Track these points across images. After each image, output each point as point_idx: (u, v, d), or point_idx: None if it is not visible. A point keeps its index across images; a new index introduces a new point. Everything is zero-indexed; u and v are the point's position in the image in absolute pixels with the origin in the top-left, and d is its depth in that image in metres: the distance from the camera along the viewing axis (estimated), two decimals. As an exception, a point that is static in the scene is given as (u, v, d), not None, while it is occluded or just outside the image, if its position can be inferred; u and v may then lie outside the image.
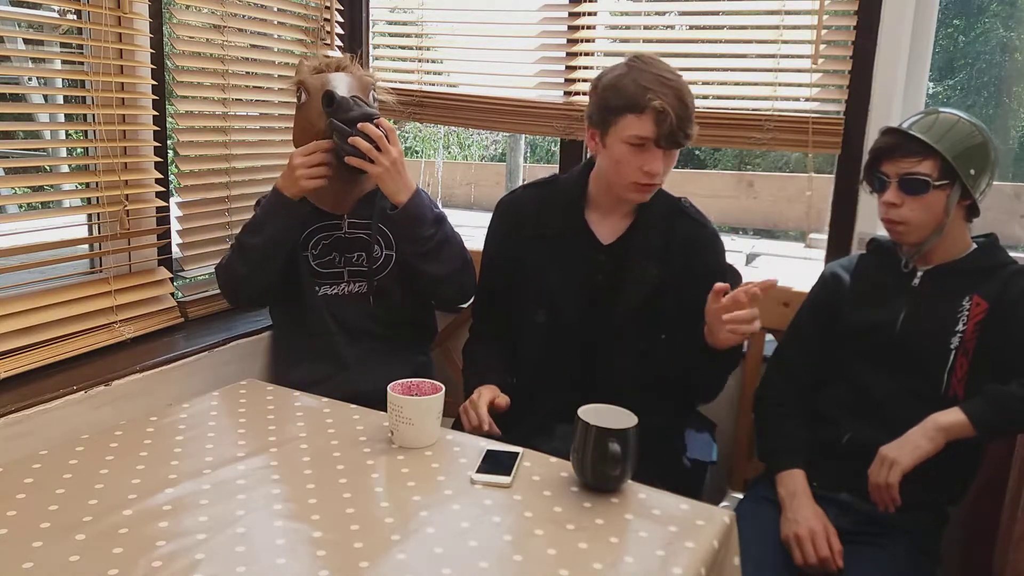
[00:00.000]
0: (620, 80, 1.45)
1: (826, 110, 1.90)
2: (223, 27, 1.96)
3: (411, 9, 2.42)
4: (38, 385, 1.53)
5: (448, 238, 1.71)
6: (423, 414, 1.27)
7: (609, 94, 1.46)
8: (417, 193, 1.66)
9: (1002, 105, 7.57)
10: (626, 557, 1.00)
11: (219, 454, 1.23)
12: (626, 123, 1.44)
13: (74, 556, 0.95)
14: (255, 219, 1.73)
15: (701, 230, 1.59)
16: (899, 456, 1.34)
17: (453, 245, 1.72)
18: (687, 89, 1.44)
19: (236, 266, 1.74)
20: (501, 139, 10.78)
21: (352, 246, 1.82)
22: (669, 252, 1.55)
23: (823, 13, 1.85)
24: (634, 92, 1.42)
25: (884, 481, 1.35)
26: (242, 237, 1.73)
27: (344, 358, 1.80)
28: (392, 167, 1.62)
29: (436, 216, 1.70)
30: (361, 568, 0.95)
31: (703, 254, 1.57)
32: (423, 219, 1.66)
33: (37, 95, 3.86)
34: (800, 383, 1.60)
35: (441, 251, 1.70)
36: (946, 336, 1.44)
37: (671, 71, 1.46)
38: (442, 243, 1.69)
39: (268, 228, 1.70)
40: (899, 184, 1.42)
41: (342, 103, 1.62)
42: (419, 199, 1.66)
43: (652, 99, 1.40)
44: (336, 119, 1.62)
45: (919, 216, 1.42)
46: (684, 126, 1.43)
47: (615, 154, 1.47)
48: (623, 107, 1.43)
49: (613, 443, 1.11)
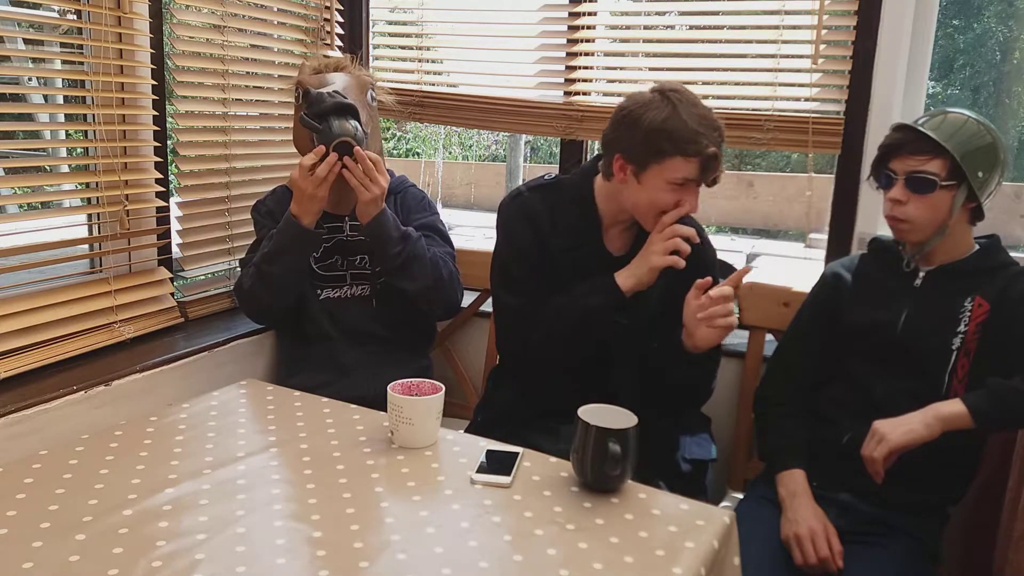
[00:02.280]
0: (669, 122, 1.40)
1: (826, 110, 1.90)
2: (223, 27, 1.96)
3: (411, 9, 2.42)
4: (38, 385, 1.53)
5: (416, 255, 1.70)
6: (423, 414, 1.27)
7: (658, 137, 1.41)
8: (382, 212, 1.66)
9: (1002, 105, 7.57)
10: (626, 557, 1.00)
11: (219, 454, 1.23)
12: (673, 165, 1.42)
13: (74, 556, 0.95)
14: (274, 248, 1.70)
15: (700, 232, 1.58)
16: (889, 433, 1.33)
17: (422, 261, 1.71)
18: (723, 126, 1.44)
19: (261, 295, 1.74)
20: (501, 139, 10.78)
21: (354, 249, 1.81)
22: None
23: (823, 13, 1.85)
24: (687, 137, 1.39)
25: (869, 454, 1.35)
26: (263, 266, 1.70)
27: (345, 364, 1.79)
28: (368, 179, 1.62)
29: (402, 234, 1.69)
30: (361, 568, 0.95)
31: (704, 268, 1.55)
32: (388, 238, 1.67)
33: (37, 95, 3.86)
34: (800, 383, 1.60)
35: (410, 268, 1.70)
36: (947, 337, 1.44)
37: (708, 108, 1.44)
38: (410, 260, 1.69)
39: (287, 258, 1.70)
40: (906, 182, 1.42)
41: (316, 98, 1.60)
42: (381, 218, 1.66)
43: (708, 146, 1.39)
44: (307, 115, 1.61)
45: (924, 215, 1.42)
46: (721, 164, 1.43)
47: (651, 189, 1.45)
48: (673, 150, 1.41)
49: (613, 443, 1.11)
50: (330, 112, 1.60)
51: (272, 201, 1.85)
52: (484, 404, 1.77)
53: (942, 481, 1.47)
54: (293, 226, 1.67)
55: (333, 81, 1.69)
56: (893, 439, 1.32)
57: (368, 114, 1.73)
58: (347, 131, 1.59)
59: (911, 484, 1.42)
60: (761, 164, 10.14)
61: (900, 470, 1.35)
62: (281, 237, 1.69)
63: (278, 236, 1.70)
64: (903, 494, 1.44)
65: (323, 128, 1.60)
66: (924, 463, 1.38)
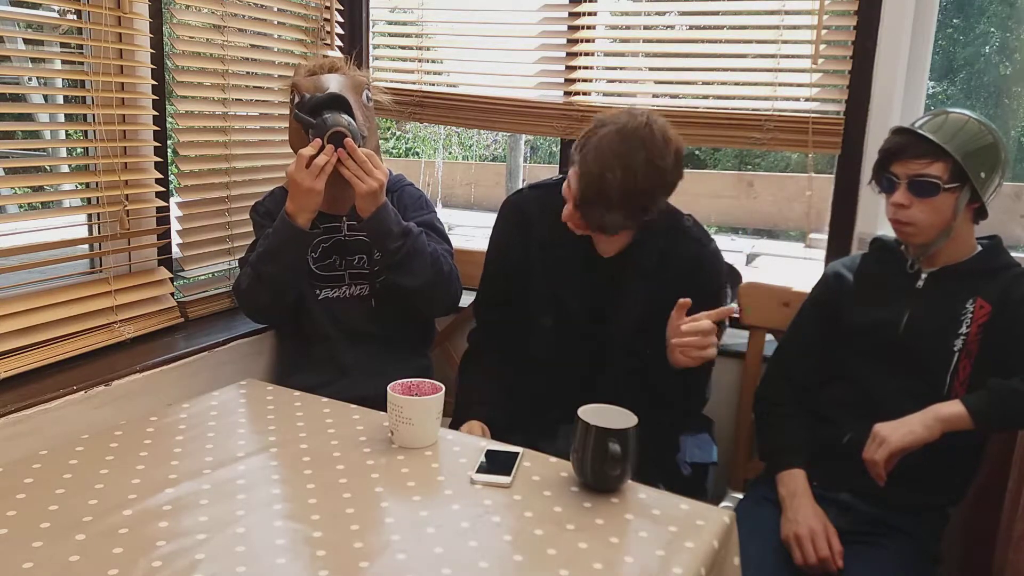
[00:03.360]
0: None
1: (826, 110, 1.90)
2: (223, 27, 1.96)
3: (411, 9, 2.42)
4: (38, 385, 1.53)
5: (416, 250, 1.68)
6: (423, 414, 1.27)
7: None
8: (383, 206, 1.65)
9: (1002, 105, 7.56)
10: (626, 557, 1.00)
11: (219, 454, 1.23)
12: None
13: (74, 556, 0.95)
14: (270, 248, 1.69)
15: (700, 249, 1.56)
16: (890, 435, 1.33)
17: (422, 257, 1.69)
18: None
19: (259, 295, 1.74)
20: (501, 139, 10.78)
21: (352, 249, 1.81)
22: (665, 270, 1.54)
23: (823, 13, 1.85)
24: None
25: (871, 457, 1.35)
26: (259, 266, 1.70)
27: (344, 364, 1.79)
28: (362, 171, 1.61)
29: (403, 229, 1.67)
30: (361, 568, 0.95)
31: (699, 273, 1.54)
32: (388, 232, 1.65)
33: (37, 95, 3.86)
34: (801, 383, 1.60)
35: (410, 263, 1.68)
36: (949, 338, 1.44)
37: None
38: (410, 255, 1.67)
39: (284, 257, 1.69)
40: (909, 186, 1.41)
41: (308, 100, 1.62)
42: (382, 212, 1.65)
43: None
44: (300, 110, 1.62)
45: (928, 218, 1.41)
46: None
47: None
48: None
49: (613, 443, 1.11)
50: (322, 105, 1.61)
51: (271, 202, 1.84)
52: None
53: (942, 482, 1.47)
54: (288, 226, 1.65)
55: (328, 83, 1.69)
56: (893, 441, 1.33)
57: (364, 114, 1.72)
58: (340, 122, 1.60)
59: (911, 485, 1.42)
60: (761, 164, 10.13)
61: (901, 471, 1.35)
62: (276, 237, 1.68)
63: (273, 236, 1.69)
64: (903, 495, 1.44)
65: (317, 122, 1.60)
66: (924, 464, 1.38)
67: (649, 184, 1.37)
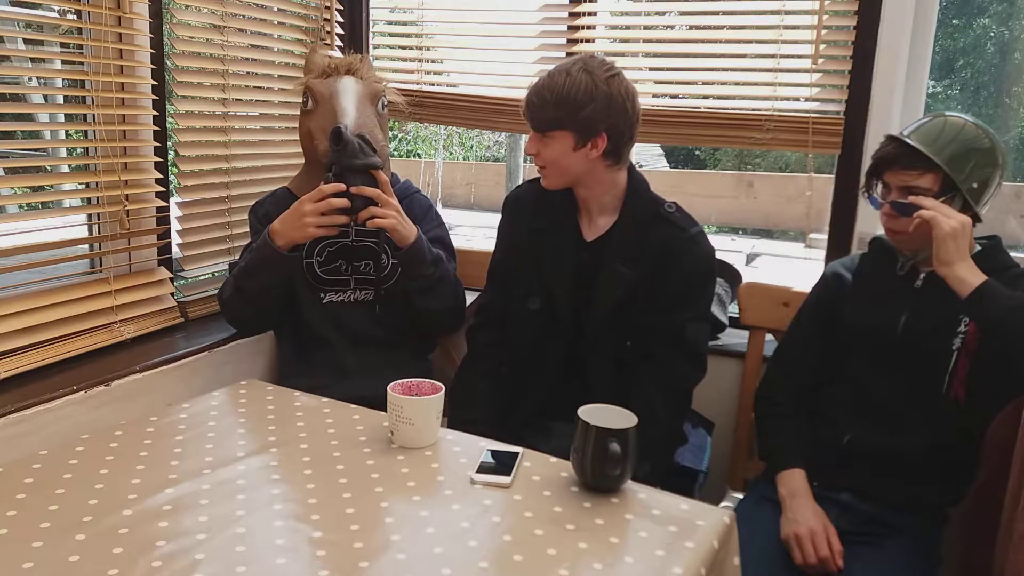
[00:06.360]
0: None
1: (826, 110, 1.90)
2: (223, 27, 1.96)
3: (411, 9, 2.42)
4: (38, 385, 1.52)
5: (444, 277, 1.76)
6: (423, 414, 1.27)
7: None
8: (419, 237, 1.70)
9: (1002, 105, 7.56)
10: (626, 557, 1.00)
11: (219, 454, 1.23)
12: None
13: (74, 556, 0.95)
14: (249, 265, 1.70)
15: (679, 234, 1.56)
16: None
17: (448, 284, 1.78)
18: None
19: (239, 307, 1.77)
20: (501, 139, 10.78)
21: (359, 254, 1.80)
22: (643, 255, 1.55)
23: (823, 13, 1.85)
24: None
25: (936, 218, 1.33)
26: (240, 279, 1.72)
27: (346, 367, 1.79)
28: (398, 214, 1.65)
29: (434, 257, 1.74)
30: (361, 568, 0.95)
31: (676, 258, 1.54)
32: (423, 260, 1.71)
33: (37, 95, 3.86)
34: (801, 383, 1.60)
35: (436, 289, 1.75)
36: (948, 337, 1.44)
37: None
38: (439, 281, 1.74)
39: (262, 276, 1.70)
40: (893, 204, 1.41)
41: (347, 147, 1.58)
42: (421, 242, 1.70)
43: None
44: (340, 164, 1.60)
45: (919, 227, 1.41)
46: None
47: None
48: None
49: (613, 443, 1.11)
50: (360, 170, 1.60)
51: (271, 203, 1.84)
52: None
53: (942, 481, 1.46)
54: (268, 247, 1.66)
55: (344, 89, 1.68)
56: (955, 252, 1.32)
57: (379, 123, 1.73)
58: (366, 194, 1.61)
59: (911, 484, 1.42)
60: (761, 164, 10.13)
61: (900, 470, 1.35)
62: (256, 255, 1.69)
63: (255, 253, 1.70)
64: (903, 494, 1.44)
65: (348, 193, 1.59)
66: (924, 464, 1.38)
67: (585, 94, 1.45)
